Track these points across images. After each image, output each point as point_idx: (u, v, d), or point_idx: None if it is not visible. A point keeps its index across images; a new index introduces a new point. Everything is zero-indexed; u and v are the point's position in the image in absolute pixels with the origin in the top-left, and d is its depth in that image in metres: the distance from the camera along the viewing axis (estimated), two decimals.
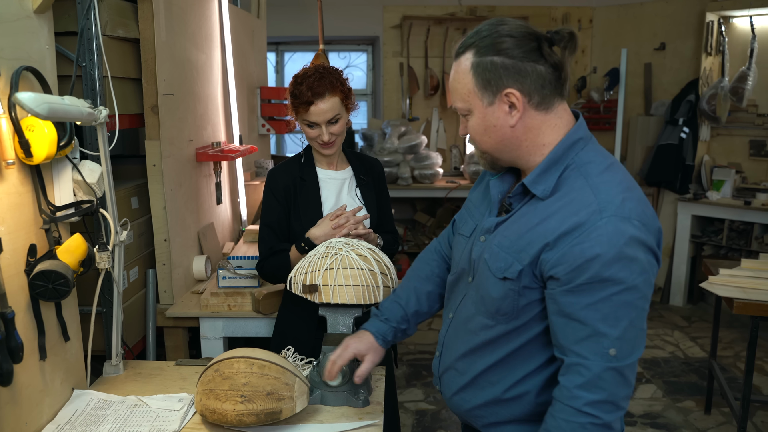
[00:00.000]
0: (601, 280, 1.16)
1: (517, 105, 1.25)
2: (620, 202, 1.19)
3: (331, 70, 2.01)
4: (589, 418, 1.19)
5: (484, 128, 1.30)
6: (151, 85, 2.45)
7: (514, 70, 1.23)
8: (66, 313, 1.69)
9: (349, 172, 2.17)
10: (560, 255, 1.19)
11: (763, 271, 2.98)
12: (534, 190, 1.28)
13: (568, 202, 1.23)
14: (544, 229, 1.23)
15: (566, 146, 1.28)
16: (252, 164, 3.92)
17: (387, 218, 2.24)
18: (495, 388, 1.38)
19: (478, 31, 1.27)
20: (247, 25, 3.82)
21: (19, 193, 1.49)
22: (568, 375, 1.21)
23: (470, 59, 1.26)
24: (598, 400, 1.18)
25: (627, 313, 1.17)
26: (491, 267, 1.31)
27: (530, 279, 1.26)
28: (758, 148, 5.11)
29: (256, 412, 1.53)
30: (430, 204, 6.22)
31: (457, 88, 1.30)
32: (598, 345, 1.17)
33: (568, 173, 1.26)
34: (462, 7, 6.03)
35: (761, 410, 3.47)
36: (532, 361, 1.33)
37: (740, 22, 5.07)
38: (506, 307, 1.30)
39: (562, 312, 1.21)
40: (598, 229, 1.16)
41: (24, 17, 1.52)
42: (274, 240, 2.10)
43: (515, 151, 1.31)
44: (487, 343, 1.36)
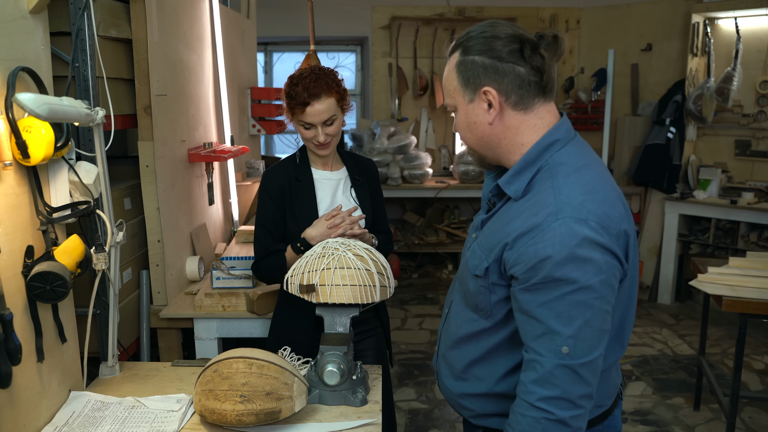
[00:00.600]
0: (554, 280, 1.18)
1: (493, 103, 1.29)
2: (579, 203, 1.20)
3: (327, 71, 2.02)
4: (542, 413, 1.22)
5: (467, 124, 1.35)
6: (143, 85, 2.44)
7: (492, 70, 1.27)
8: (62, 314, 1.68)
9: (344, 173, 2.18)
10: (517, 255, 1.23)
11: (750, 269, 3.02)
12: (507, 190, 1.32)
13: (532, 204, 1.26)
14: (509, 229, 1.27)
15: (542, 147, 1.30)
16: (243, 165, 3.92)
17: (381, 218, 2.25)
18: (482, 383, 1.42)
19: (468, 32, 1.33)
20: (237, 26, 3.82)
21: (16, 194, 1.49)
22: (526, 371, 1.26)
23: (456, 58, 1.32)
24: (550, 396, 1.22)
25: (581, 313, 1.19)
26: (469, 264, 1.37)
27: (497, 276, 1.30)
28: (743, 148, 5.18)
29: (255, 411, 1.54)
30: (419, 204, 6.24)
31: (446, 85, 1.37)
32: (552, 342, 1.21)
33: (541, 175, 1.29)
34: (450, 8, 6.05)
35: (749, 406, 3.52)
36: (511, 358, 1.37)
37: (725, 23, 5.13)
38: (481, 303, 1.35)
39: (521, 309, 1.25)
40: (552, 230, 1.19)
41: (20, 17, 1.51)
42: (270, 240, 2.10)
43: (496, 149, 1.35)
44: (472, 337, 1.41)
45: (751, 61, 5.02)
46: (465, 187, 5.69)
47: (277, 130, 4.18)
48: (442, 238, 5.93)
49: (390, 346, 2.32)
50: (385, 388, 2.13)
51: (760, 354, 4.23)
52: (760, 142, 5.11)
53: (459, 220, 6.12)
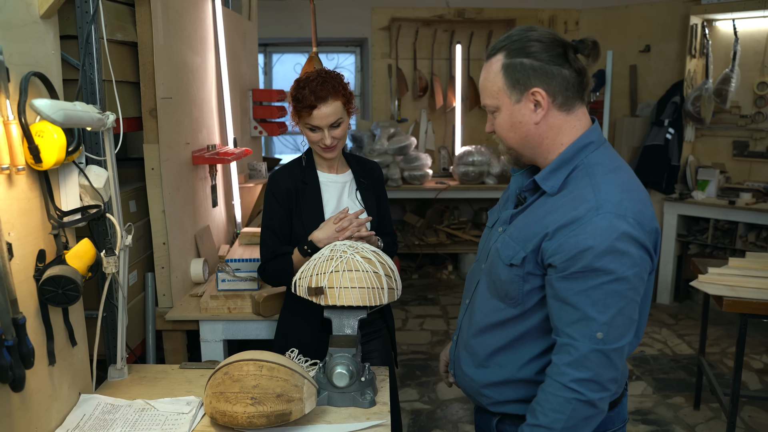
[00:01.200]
0: (593, 270, 1.27)
1: (542, 103, 1.36)
2: (617, 201, 1.29)
3: (333, 75, 2.03)
4: (574, 394, 1.30)
5: (511, 124, 1.41)
6: (149, 88, 2.45)
7: (541, 72, 1.34)
8: (73, 317, 1.69)
9: (349, 176, 2.19)
10: (558, 245, 1.31)
11: (750, 270, 3.05)
12: (543, 186, 1.40)
13: (571, 199, 1.34)
14: (547, 222, 1.35)
15: (577, 148, 1.39)
16: (245, 166, 3.93)
17: (386, 221, 2.26)
18: (503, 369, 1.48)
19: (509, 35, 1.39)
20: (239, 28, 3.83)
21: (28, 198, 1.50)
22: (559, 354, 1.33)
23: (501, 60, 1.38)
24: (583, 378, 1.29)
25: (616, 302, 1.28)
26: (501, 254, 1.43)
27: (533, 266, 1.38)
28: (741, 149, 5.21)
29: (266, 413, 1.55)
30: (419, 205, 6.26)
31: (488, 86, 1.42)
32: (587, 328, 1.29)
33: (576, 173, 1.37)
34: (450, 9, 6.07)
35: (749, 405, 3.54)
36: (536, 345, 1.44)
37: (723, 25, 5.16)
38: (513, 292, 1.41)
39: (558, 296, 1.32)
40: (593, 224, 1.27)
41: (31, 23, 1.52)
42: (276, 243, 2.11)
43: (537, 148, 1.42)
44: (497, 325, 1.47)
45: (749, 63, 5.05)
46: (465, 188, 5.71)
47: (278, 131, 4.18)
48: (442, 239, 5.95)
49: (395, 347, 2.33)
50: (391, 389, 2.15)
51: (759, 353, 4.26)
52: (758, 142, 5.14)
53: (459, 221, 6.14)
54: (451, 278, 5.87)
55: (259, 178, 3.92)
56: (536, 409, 1.36)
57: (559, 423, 1.31)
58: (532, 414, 1.37)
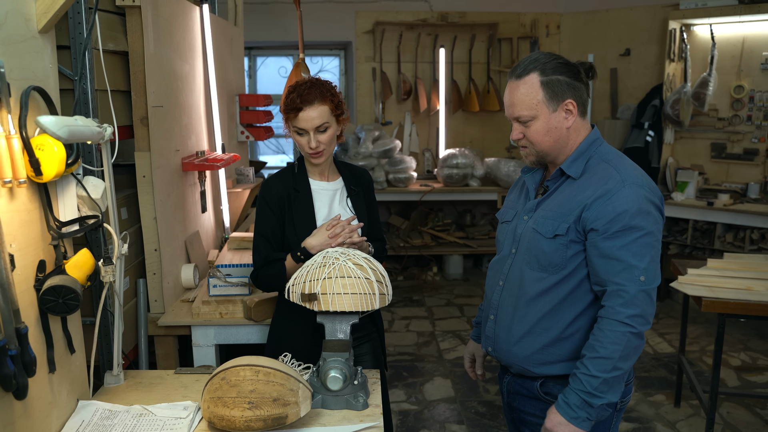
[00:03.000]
0: (630, 228, 1.62)
1: (573, 111, 1.71)
2: (635, 175, 1.68)
3: (324, 82, 2.09)
4: (628, 328, 1.61)
5: (547, 130, 1.72)
6: (140, 97, 2.48)
7: (572, 87, 1.70)
8: (70, 326, 1.72)
9: (340, 183, 2.24)
10: (597, 212, 1.64)
11: (727, 270, 3.14)
12: (568, 171, 1.74)
13: (597, 179, 1.69)
14: (581, 197, 1.69)
15: (589, 142, 1.76)
16: (233, 172, 3.96)
17: (376, 227, 2.31)
18: (550, 332, 1.75)
19: (536, 59, 1.71)
20: (225, 33, 3.86)
21: (28, 210, 1.53)
22: (610, 299, 1.63)
23: (538, 78, 1.69)
24: (634, 314, 1.61)
25: (648, 251, 1.63)
26: (541, 231, 1.73)
27: (575, 233, 1.69)
28: (719, 151, 5.33)
29: (263, 417, 1.59)
30: (404, 207, 6.31)
31: (524, 99, 1.70)
32: (631, 274, 1.61)
33: (593, 161, 1.74)
34: (433, 13, 6.14)
35: (727, 401, 3.64)
36: (578, 304, 1.73)
37: (701, 30, 5.28)
38: (557, 259, 1.71)
39: (602, 254, 1.64)
40: (623, 193, 1.63)
41: (30, 38, 1.55)
42: (269, 249, 2.15)
43: (563, 147, 1.75)
44: (541, 294, 1.75)
45: (726, 67, 5.17)
46: (449, 190, 5.78)
47: (265, 136, 4.22)
48: (427, 241, 6.01)
49: (385, 351, 2.38)
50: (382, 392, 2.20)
51: (737, 351, 4.37)
52: (735, 144, 5.26)
53: (443, 223, 6.21)
54: (436, 279, 5.93)
55: (246, 183, 3.96)
56: (594, 345, 1.63)
57: (617, 353, 1.60)
58: (590, 349, 1.63)
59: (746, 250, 4.89)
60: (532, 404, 1.84)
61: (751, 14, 4.85)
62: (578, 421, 1.64)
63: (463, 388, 3.84)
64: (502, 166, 5.68)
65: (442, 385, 3.90)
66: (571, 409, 1.64)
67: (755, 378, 3.98)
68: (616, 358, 1.61)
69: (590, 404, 1.63)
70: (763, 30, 5.02)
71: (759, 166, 5.15)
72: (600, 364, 1.61)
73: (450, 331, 4.78)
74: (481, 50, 6.26)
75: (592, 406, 1.63)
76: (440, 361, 4.24)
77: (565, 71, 1.69)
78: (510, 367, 1.88)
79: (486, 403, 3.65)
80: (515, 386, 1.89)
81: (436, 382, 3.93)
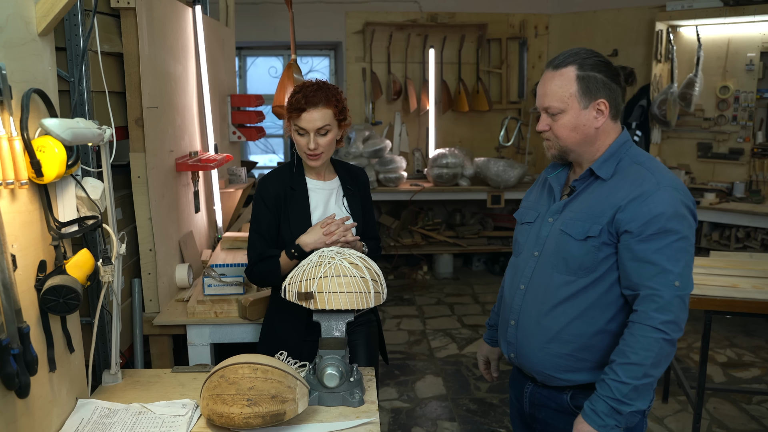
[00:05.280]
0: (665, 231, 1.57)
1: (604, 112, 1.67)
2: (669, 178, 1.64)
3: (330, 86, 2.13)
4: (661, 334, 1.56)
5: (574, 126, 1.68)
6: (135, 98, 2.49)
7: (608, 86, 1.66)
8: (70, 325, 1.74)
9: (336, 183, 2.27)
10: (632, 214, 1.60)
11: (714, 268, 3.20)
12: (599, 173, 1.70)
13: (631, 181, 1.65)
14: (614, 199, 1.64)
15: (620, 144, 1.72)
16: (225, 172, 3.97)
17: (371, 225, 2.34)
18: (578, 337, 1.69)
19: (577, 53, 1.67)
20: (217, 34, 3.87)
21: (29, 211, 1.55)
22: (643, 303, 1.58)
23: (575, 71, 1.65)
24: (668, 320, 1.56)
25: (683, 255, 1.59)
26: (571, 233, 1.68)
27: (607, 235, 1.64)
28: (705, 150, 5.41)
29: (262, 414, 1.62)
30: (394, 206, 6.35)
31: (557, 91, 1.67)
32: (666, 279, 1.56)
33: (624, 163, 1.69)
34: (423, 14, 6.17)
35: (714, 397, 3.71)
36: (608, 308, 1.67)
37: (687, 31, 5.36)
38: (588, 262, 1.66)
39: (636, 257, 1.59)
40: (658, 195, 1.59)
41: (30, 41, 1.57)
42: (264, 246, 2.18)
43: (589, 146, 1.71)
44: (568, 298, 1.69)
45: (712, 68, 5.25)
46: (439, 189, 5.82)
47: (256, 136, 4.24)
48: (417, 240, 6.05)
49: (383, 347, 2.42)
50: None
51: (723, 347, 4.44)
52: (721, 144, 5.34)
53: (433, 222, 6.25)
54: (426, 278, 5.97)
55: (239, 183, 3.97)
56: (626, 350, 1.57)
57: (649, 359, 1.55)
58: (621, 355, 1.58)
59: (732, 248, 4.97)
60: (561, 419, 1.76)
61: (735, 16, 4.93)
62: (606, 429, 1.58)
63: (455, 386, 3.88)
64: (492, 165, 5.73)
65: (434, 382, 3.94)
66: (598, 417, 1.59)
67: (741, 374, 4.05)
68: (648, 365, 1.55)
69: (618, 411, 1.57)
70: (747, 32, 5.11)
71: (744, 166, 5.23)
72: (631, 370, 1.56)
73: (441, 329, 4.82)
74: (471, 51, 6.31)
75: (621, 413, 1.57)
76: (431, 359, 4.28)
77: (603, 70, 1.64)
78: (534, 375, 1.79)
79: (477, 401, 3.70)
80: (541, 398, 1.81)
81: (428, 380, 3.97)
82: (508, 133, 6.20)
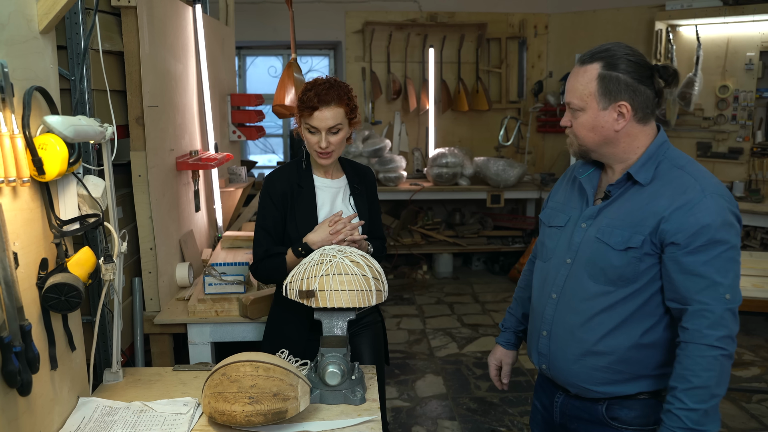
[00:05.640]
0: (714, 242, 1.49)
1: (625, 115, 1.57)
2: (714, 184, 1.55)
3: (342, 84, 2.13)
4: (719, 351, 1.48)
5: (592, 126, 1.60)
6: (135, 97, 2.49)
7: (632, 89, 1.55)
8: (71, 323, 1.74)
9: (343, 181, 2.27)
10: (678, 225, 1.51)
11: None
12: (638, 177, 1.60)
13: (673, 187, 1.55)
14: (656, 207, 1.55)
15: (657, 145, 1.62)
16: (225, 171, 3.97)
17: (377, 225, 2.34)
18: (615, 350, 1.62)
19: (607, 48, 1.58)
20: (217, 33, 3.87)
21: (30, 209, 1.55)
22: (694, 320, 1.50)
23: (597, 69, 1.57)
24: (723, 335, 1.48)
25: (732, 266, 1.51)
26: (609, 242, 1.60)
27: (649, 246, 1.56)
28: (705, 150, 5.41)
29: (263, 412, 1.62)
30: (394, 206, 6.35)
31: (579, 88, 1.60)
32: (716, 292, 1.49)
33: (663, 166, 1.60)
34: (423, 13, 6.18)
35: None
36: (647, 319, 1.60)
37: (686, 30, 5.36)
38: (628, 273, 1.58)
39: (684, 270, 1.51)
40: (705, 204, 1.50)
41: (32, 38, 1.57)
42: (270, 243, 2.18)
43: (611, 148, 1.63)
44: (606, 309, 1.62)
45: (711, 67, 5.25)
46: (439, 189, 5.82)
47: (256, 135, 4.24)
48: (417, 240, 6.05)
49: (387, 347, 2.42)
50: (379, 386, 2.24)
51: None
52: (720, 143, 5.34)
53: (433, 222, 6.25)
54: (426, 278, 5.97)
55: (239, 182, 3.97)
56: (685, 375, 1.49)
57: (713, 379, 1.47)
58: (681, 380, 1.50)
59: None
60: (595, 430, 1.70)
61: (735, 15, 4.93)
62: None
63: (455, 385, 3.88)
64: (491, 165, 5.73)
65: (434, 382, 3.94)
66: None
67: (740, 373, 4.06)
68: (713, 385, 1.47)
69: None
70: (747, 31, 5.11)
71: (744, 165, 5.24)
72: (696, 395, 1.48)
73: (441, 328, 4.82)
74: (470, 50, 6.31)
75: None
76: (431, 359, 4.28)
77: (632, 71, 1.54)
78: (568, 388, 1.73)
79: (477, 399, 3.70)
80: (573, 409, 1.74)
81: (428, 379, 3.97)
82: (507, 133, 6.21)
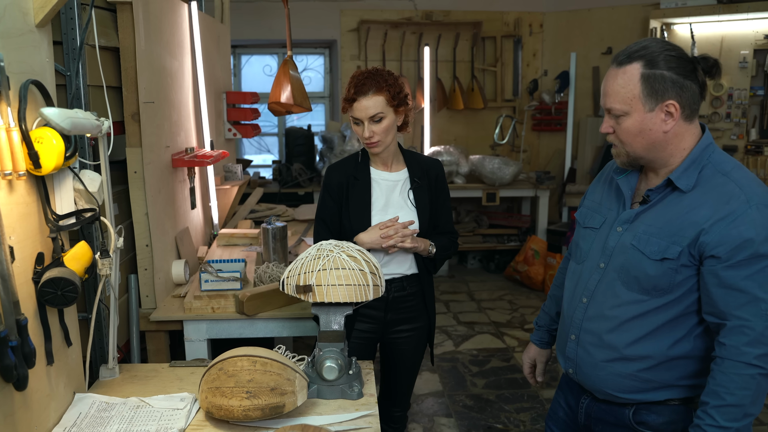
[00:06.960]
0: (758, 256, 1.42)
1: (674, 114, 1.48)
2: (761, 193, 1.46)
3: (382, 72, 2.13)
4: (757, 370, 1.42)
5: (639, 130, 1.51)
6: (131, 93, 2.48)
7: (678, 85, 1.46)
8: (67, 318, 1.73)
9: (404, 174, 2.26)
10: (719, 238, 1.44)
11: None
12: (679, 184, 1.52)
13: (716, 196, 1.47)
14: (696, 217, 1.48)
15: (702, 149, 1.52)
16: (221, 168, 3.97)
17: (446, 219, 2.33)
18: (645, 358, 1.57)
19: (645, 46, 1.48)
20: (212, 31, 3.86)
21: (26, 203, 1.54)
22: (732, 336, 1.44)
23: (639, 69, 1.47)
24: (762, 353, 1.42)
25: None
26: (644, 251, 1.54)
27: (687, 258, 1.49)
28: None
29: (261, 406, 1.62)
30: None
31: (620, 91, 1.50)
32: (757, 308, 1.42)
33: (706, 171, 1.51)
34: (418, 12, 6.18)
35: None
36: (680, 328, 1.55)
37: (681, 28, 5.38)
38: (663, 284, 1.52)
39: (724, 284, 1.45)
40: (749, 215, 1.42)
41: (27, 32, 1.56)
42: (327, 234, 2.22)
43: (661, 152, 1.53)
44: (637, 317, 1.57)
45: None
46: None
47: (252, 133, 4.23)
48: None
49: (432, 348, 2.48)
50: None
51: None
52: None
53: None
54: None
55: (234, 179, 3.96)
56: (719, 391, 1.44)
57: (748, 398, 1.42)
58: (714, 396, 1.45)
59: None
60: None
61: (729, 14, 4.95)
62: None
63: (451, 382, 3.88)
64: (487, 163, 5.73)
65: (430, 379, 3.94)
66: None
67: None
68: (747, 404, 1.42)
69: None
70: (741, 29, 5.13)
71: None
72: (729, 413, 1.43)
73: (437, 326, 4.81)
74: (465, 49, 6.32)
75: None
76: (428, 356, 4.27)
77: (675, 66, 1.44)
78: (594, 393, 1.70)
79: (473, 397, 3.70)
80: (599, 412, 1.71)
81: (424, 377, 3.97)
82: (503, 131, 6.22)
